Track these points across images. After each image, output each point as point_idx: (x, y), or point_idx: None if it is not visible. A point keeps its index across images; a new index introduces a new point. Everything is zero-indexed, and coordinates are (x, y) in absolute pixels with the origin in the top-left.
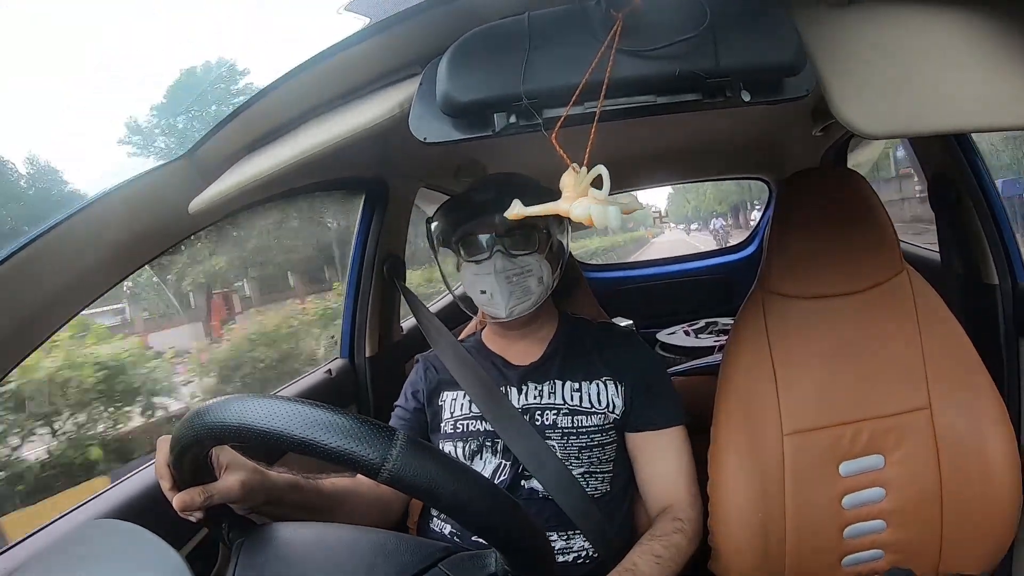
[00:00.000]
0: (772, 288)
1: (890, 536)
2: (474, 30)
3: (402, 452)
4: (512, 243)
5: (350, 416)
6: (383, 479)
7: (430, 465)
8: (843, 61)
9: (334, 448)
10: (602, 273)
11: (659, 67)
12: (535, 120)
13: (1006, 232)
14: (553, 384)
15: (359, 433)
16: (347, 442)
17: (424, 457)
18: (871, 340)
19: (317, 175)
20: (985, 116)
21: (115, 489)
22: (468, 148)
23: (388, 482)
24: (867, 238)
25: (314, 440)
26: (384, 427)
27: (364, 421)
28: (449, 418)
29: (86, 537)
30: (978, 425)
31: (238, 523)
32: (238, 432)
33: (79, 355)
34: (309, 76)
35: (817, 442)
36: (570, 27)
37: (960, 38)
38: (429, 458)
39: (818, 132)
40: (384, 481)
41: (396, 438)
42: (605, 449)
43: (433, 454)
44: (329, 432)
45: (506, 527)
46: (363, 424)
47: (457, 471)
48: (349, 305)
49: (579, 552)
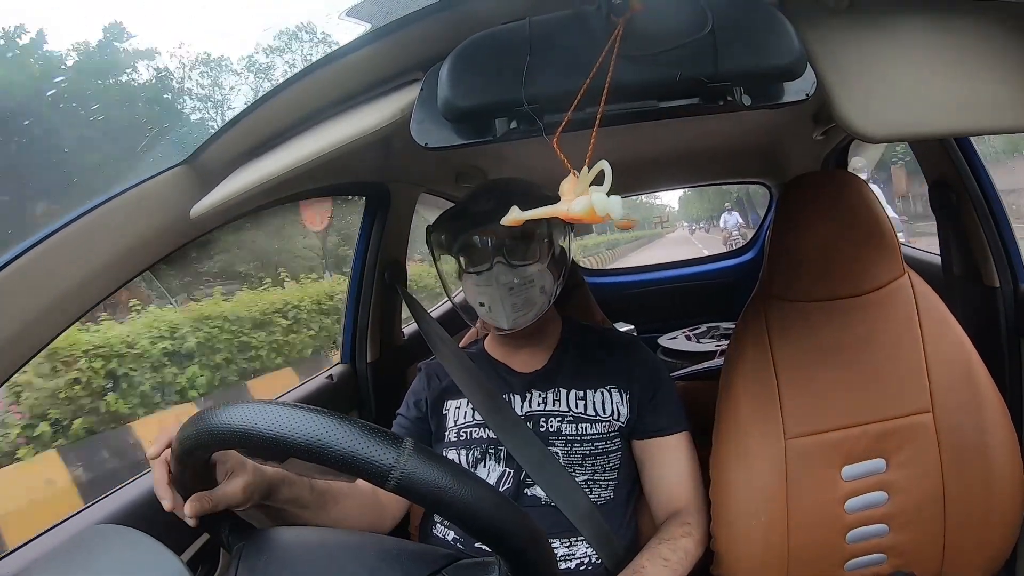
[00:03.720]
0: (773, 292)
1: (893, 540)
2: (475, 35)
3: (409, 460)
4: (513, 253)
5: (358, 423)
6: (390, 487)
7: (437, 473)
8: (844, 65)
9: (341, 456)
10: (603, 278)
11: (660, 72)
12: (536, 125)
13: (1007, 235)
14: (558, 392)
15: (367, 441)
16: (355, 450)
17: (431, 465)
18: (873, 344)
19: (319, 180)
20: (985, 119)
21: (116, 494)
22: (469, 154)
23: (395, 490)
24: (868, 241)
25: (321, 447)
26: (391, 435)
27: (371, 429)
28: (453, 426)
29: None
30: (980, 428)
31: (238, 527)
32: (244, 437)
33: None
34: (310, 82)
35: (819, 446)
36: (571, 32)
37: (960, 42)
38: (436, 466)
39: (819, 136)
40: (391, 489)
41: (404, 446)
42: (609, 457)
43: (440, 462)
44: (336, 440)
45: (511, 535)
46: (371, 432)
47: (463, 479)
48: (350, 310)
49: (582, 559)
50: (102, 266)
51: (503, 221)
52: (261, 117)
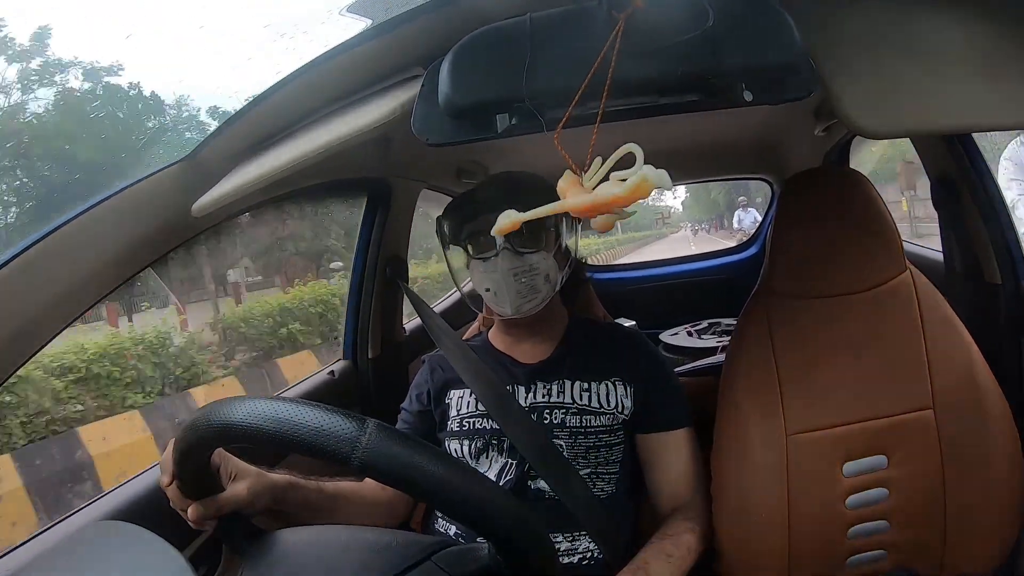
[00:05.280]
0: (775, 288)
1: (893, 536)
2: (476, 31)
3: (372, 439)
4: (520, 241)
5: (319, 407)
6: (354, 467)
7: (401, 450)
8: (846, 61)
9: (305, 440)
10: (605, 274)
11: (661, 67)
12: (537, 121)
13: (1009, 232)
14: (562, 383)
15: (328, 423)
16: (317, 432)
17: (395, 443)
18: (874, 340)
19: (320, 176)
20: (988, 116)
21: (118, 490)
22: (470, 150)
23: (360, 470)
24: (870, 238)
25: (286, 434)
26: (354, 416)
27: (333, 411)
28: (456, 416)
29: (89, 538)
30: (981, 425)
31: (243, 528)
32: (224, 432)
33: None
34: (311, 78)
35: (820, 442)
36: (572, 28)
37: (963, 37)
38: (400, 444)
39: (820, 132)
40: (356, 470)
41: (366, 426)
42: (612, 450)
43: (404, 440)
44: (299, 424)
45: (484, 508)
46: (332, 414)
47: (430, 455)
48: (352, 306)
49: (584, 553)
50: (103, 263)
51: (495, 229)
52: (262, 113)
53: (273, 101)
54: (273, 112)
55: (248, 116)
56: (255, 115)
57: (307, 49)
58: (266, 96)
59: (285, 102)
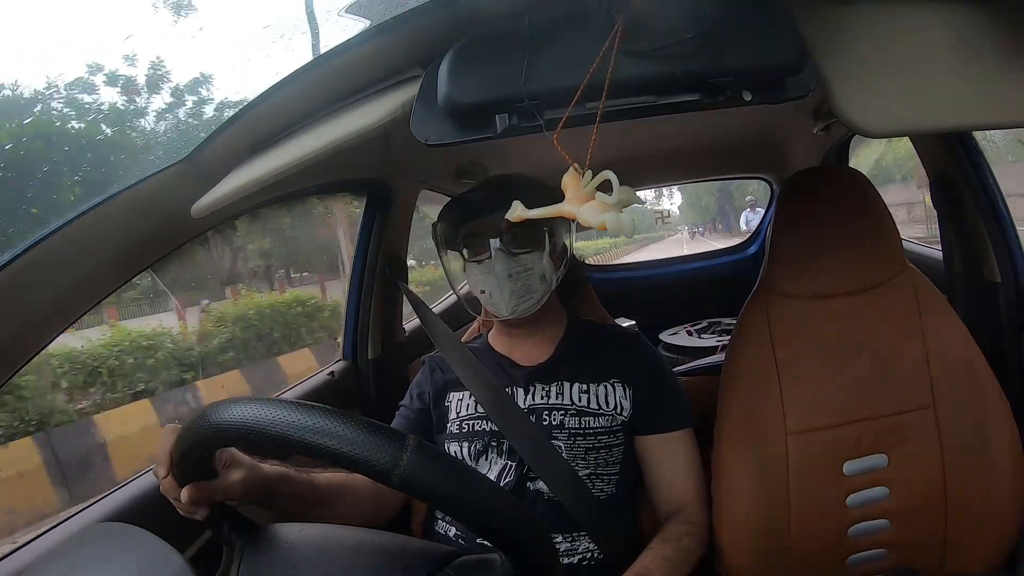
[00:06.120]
0: (774, 288)
1: (894, 535)
2: (475, 32)
3: (412, 457)
4: (513, 241)
5: (361, 421)
6: (394, 484)
7: (440, 470)
8: (845, 60)
9: (345, 453)
10: (604, 274)
11: (660, 67)
12: (537, 121)
13: (1008, 230)
14: (561, 385)
15: (370, 438)
16: (358, 447)
17: (434, 462)
18: (874, 339)
19: (320, 177)
20: (987, 114)
21: (118, 492)
22: (470, 150)
23: (399, 487)
24: (869, 237)
25: (325, 445)
26: (395, 432)
27: (374, 426)
28: (455, 418)
29: (89, 540)
30: (982, 423)
31: (240, 524)
32: (247, 435)
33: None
34: (310, 79)
35: (821, 441)
36: (571, 28)
37: (962, 36)
38: (439, 463)
39: (819, 131)
40: (395, 486)
41: (407, 443)
42: (612, 451)
43: (443, 459)
44: (340, 438)
45: (512, 531)
46: (374, 429)
47: (466, 475)
48: (352, 307)
49: (584, 554)
50: (102, 265)
51: (508, 216)
52: (261, 114)
53: (273, 102)
54: (272, 113)
55: (247, 117)
56: (254, 116)
57: (306, 50)
58: (265, 97)
59: (284, 103)
